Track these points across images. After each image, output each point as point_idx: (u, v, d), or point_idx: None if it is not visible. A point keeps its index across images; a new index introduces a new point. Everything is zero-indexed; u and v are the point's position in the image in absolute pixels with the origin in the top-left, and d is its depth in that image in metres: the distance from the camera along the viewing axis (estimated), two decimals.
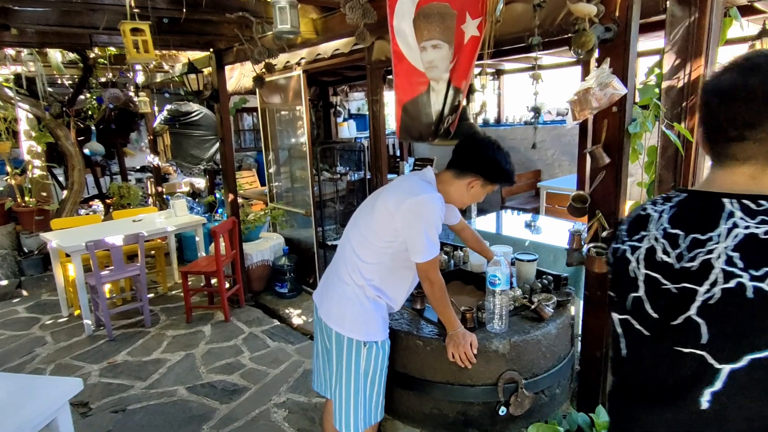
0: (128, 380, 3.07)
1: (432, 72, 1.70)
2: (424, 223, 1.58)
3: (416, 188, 1.63)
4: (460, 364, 1.66)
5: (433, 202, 1.60)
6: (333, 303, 1.72)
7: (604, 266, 1.77)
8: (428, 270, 1.64)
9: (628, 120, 1.73)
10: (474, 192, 1.71)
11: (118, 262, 3.61)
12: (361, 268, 1.68)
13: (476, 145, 1.71)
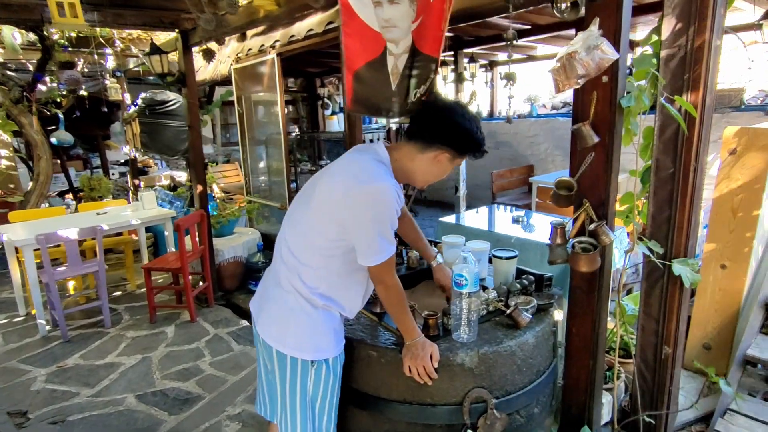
0: (75, 387, 2.80)
1: (389, 33, 1.43)
2: (377, 218, 1.29)
3: (368, 172, 1.31)
4: (418, 379, 1.40)
5: (390, 192, 1.28)
6: (272, 315, 1.42)
7: (593, 264, 1.51)
8: (382, 273, 1.36)
9: (620, 92, 1.47)
10: (440, 167, 1.41)
11: (73, 257, 3.34)
12: (302, 274, 1.37)
13: (442, 112, 1.39)
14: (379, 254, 1.31)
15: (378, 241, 1.29)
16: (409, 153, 1.40)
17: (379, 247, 1.30)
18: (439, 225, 3.58)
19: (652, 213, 1.69)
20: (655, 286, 1.72)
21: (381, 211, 1.28)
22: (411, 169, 1.41)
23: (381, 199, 1.28)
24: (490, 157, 6.95)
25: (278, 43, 3.69)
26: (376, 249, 1.30)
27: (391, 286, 1.38)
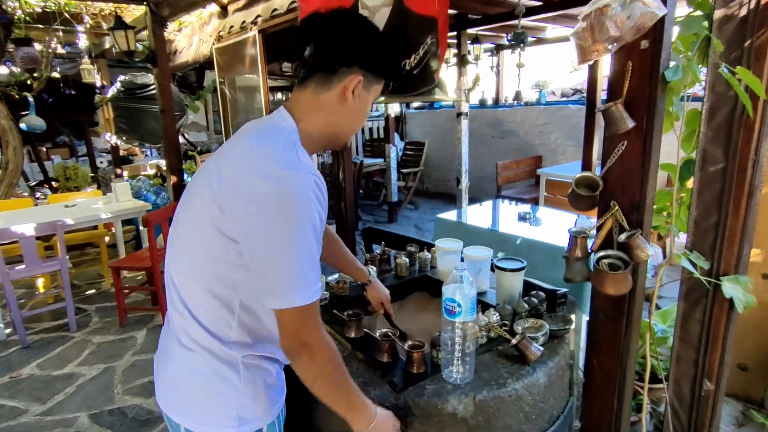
0: (25, 402, 2.51)
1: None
2: (289, 230, 0.82)
3: (268, 155, 0.85)
4: None
5: (306, 185, 0.83)
6: (174, 383, 0.99)
7: (622, 286, 1.17)
8: (302, 326, 0.87)
9: (664, 62, 1.12)
10: (358, 101, 0.96)
11: (30, 255, 3.03)
12: (204, 321, 0.93)
13: (329, 23, 0.93)
14: (297, 290, 0.83)
15: (294, 268, 0.83)
16: (312, 100, 0.95)
17: (295, 276, 0.83)
18: (437, 223, 3.25)
19: (695, 218, 1.35)
20: (696, 308, 1.39)
21: (296, 217, 0.82)
22: (323, 120, 0.96)
23: (295, 198, 0.81)
24: (496, 146, 6.61)
25: (260, 18, 3.33)
26: (289, 281, 0.83)
27: (319, 352, 0.88)
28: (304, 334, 0.87)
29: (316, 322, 0.89)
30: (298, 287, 0.83)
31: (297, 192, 0.82)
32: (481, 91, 6.66)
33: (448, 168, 7.19)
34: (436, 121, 7.42)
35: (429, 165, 7.50)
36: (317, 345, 0.88)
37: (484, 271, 1.68)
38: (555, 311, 1.51)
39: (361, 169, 5.65)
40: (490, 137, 6.57)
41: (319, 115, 0.95)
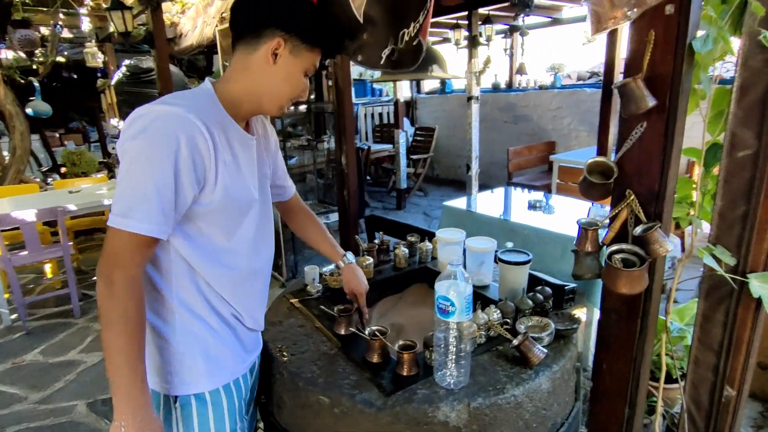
0: (24, 389, 2.50)
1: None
2: (128, 153, 0.83)
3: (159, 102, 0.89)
4: None
5: (157, 118, 0.83)
6: None
7: (637, 284, 1.05)
8: (111, 253, 0.83)
9: (692, 30, 0.98)
10: (284, 68, 0.95)
11: (31, 242, 3.01)
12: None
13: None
14: (114, 214, 0.83)
15: (119, 192, 0.83)
16: (240, 62, 0.96)
17: (118, 199, 0.83)
18: (444, 211, 3.13)
19: (720, 208, 1.21)
20: (718, 308, 1.26)
21: (139, 146, 0.82)
22: (246, 87, 0.96)
23: (144, 128, 0.82)
24: (508, 132, 6.41)
25: None
26: (118, 202, 0.83)
27: (110, 290, 0.82)
28: (107, 260, 0.84)
29: (127, 259, 0.84)
30: (118, 209, 0.83)
31: (153, 121, 0.82)
32: (494, 74, 6.45)
33: (458, 154, 7.02)
34: (447, 106, 7.23)
35: (439, 151, 7.34)
36: (117, 282, 0.83)
37: (487, 264, 1.57)
38: (562, 308, 1.40)
39: (368, 155, 5.53)
40: (503, 122, 6.38)
41: (244, 76, 0.96)
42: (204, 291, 0.99)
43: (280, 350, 1.25)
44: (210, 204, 0.93)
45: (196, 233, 0.95)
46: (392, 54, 1.01)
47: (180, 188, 0.85)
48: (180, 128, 0.84)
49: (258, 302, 1.14)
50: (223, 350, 1.03)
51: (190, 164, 0.85)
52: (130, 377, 0.85)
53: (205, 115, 0.88)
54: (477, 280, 1.58)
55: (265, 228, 1.11)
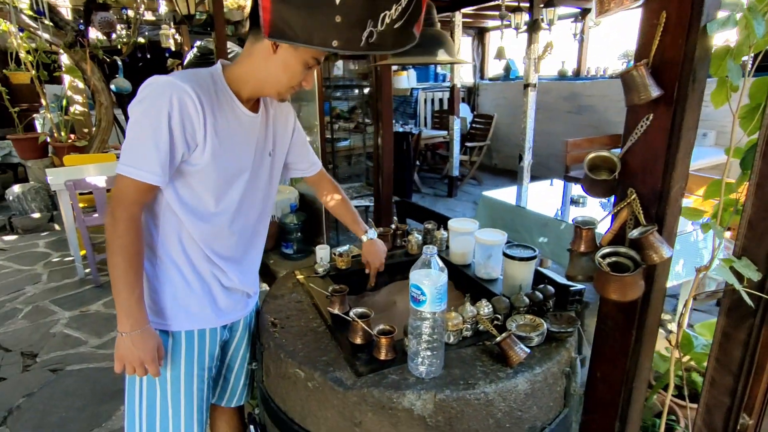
0: (86, 334, 2.82)
1: None
2: (134, 114, 0.99)
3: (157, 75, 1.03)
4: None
5: (154, 86, 0.98)
6: None
7: (628, 291, 0.98)
8: (115, 195, 1.01)
9: (708, 12, 0.87)
10: (283, 59, 1.03)
11: (102, 205, 3.34)
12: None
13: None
14: (120, 163, 0.99)
15: (124, 146, 1.00)
16: (249, 48, 1.07)
17: (123, 151, 1.00)
18: (481, 201, 3.05)
19: (749, 217, 1.08)
20: (740, 327, 1.13)
21: (141, 107, 0.98)
22: (250, 71, 1.08)
23: (144, 91, 0.98)
24: (571, 122, 6.04)
25: None
26: (124, 152, 0.99)
27: (114, 225, 1.00)
28: (116, 201, 1.00)
29: (127, 200, 1.00)
30: (122, 159, 0.99)
31: (152, 88, 0.97)
32: (562, 61, 6.08)
33: (518, 144, 6.73)
34: (509, 94, 6.95)
35: (498, 140, 7.10)
36: (117, 215, 1.00)
37: (495, 257, 1.52)
38: (566, 309, 1.33)
39: (418, 140, 5.48)
40: (565, 112, 6.02)
41: (249, 60, 1.07)
42: (185, 242, 1.13)
43: (273, 322, 1.31)
44: (198, 164, 1.06)
45: (187, 191, 1.09)
46: (371, 36, 0.99)
47: (173, 144, 0.99)
48: (173, 93, 0.97)
49: (240, 264, 1.24)
50: (192, 300, 1.16)
51: (179, 124, 0.99)
52: (129, 296, 1.03)
53: (198, 86, 1.01)
54: (485, 273, 1.54)
55: (252, 197, 1.21)
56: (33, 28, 4.13)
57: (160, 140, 0.97)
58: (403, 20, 1.00)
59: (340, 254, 1.66)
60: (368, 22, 0.97)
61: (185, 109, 0.98)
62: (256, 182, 1.20)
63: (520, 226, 2.61)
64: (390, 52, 1.06)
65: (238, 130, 1.11)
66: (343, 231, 4.63)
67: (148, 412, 1.17)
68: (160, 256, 1.14)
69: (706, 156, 3.65)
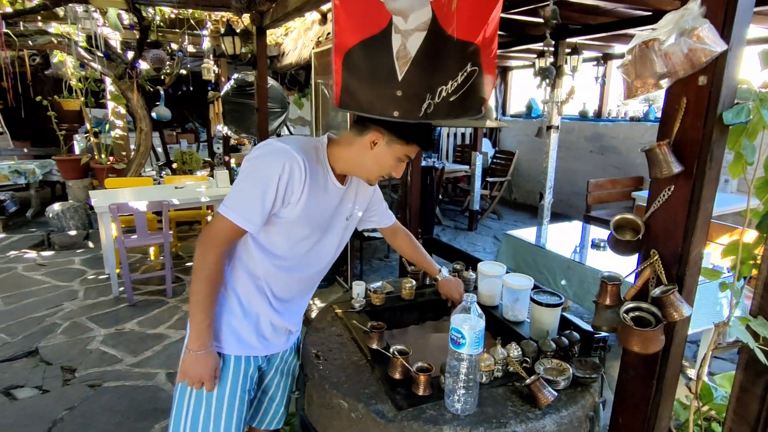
0: (122, 352, 2.96)
1: (396, 1, 1.12)
2: (246, 170, 1.15)
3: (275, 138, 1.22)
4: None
5: (278, 153, 1.13)
6: None
7: (650, 344, 1.07)
8: (209, 229, 1.16)
9: (724, 102, 0.99)
10: (378, 154, 1.21)
11: (141, 228, 3.54)
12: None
13: None
14: (224, 205, 1.14)
15: (235, 192, 1.14)
16: (347, 138, 1.25)
17: (230, 196, 1.14)
18: (504, 239, 3.15)
19: (765, 278, 1.17)
20: (757, 381, 1.20)
21: (253, 164, 1.14)
22: (347, 156, 1.24)
23: (259, 152, 1.14)
24: (594, 162, 6.14)
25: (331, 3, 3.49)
26: (229, 197, 1.15)
27: (204, 257, 1.14)
28: (208, 235, 1.15)
29: (222, 238, 1.15)
30: (228, 203, 1.13)
31: (270, 151, 1.13)
32: (583, 102, 6.22)
33: (538, 180, 6.84)
34: (530, 131, 7.08)
35: (519, 175, 7.21)
36: (205, 248, 1.14)
37: (522, 301, 1.62)
38: (590, 356, 1.41)
39: (441, 174, 5.63)
40: (588, 152, 6.13)
41: (348, 148, 1.25)
42: (251, 279, 1.27)
43: (316, 354, 1.42)
44: (286, 218, 1.21)
45: (267, 236, 1.24)
46: (429, 107, 1.15)
47: (275, 201, 1.15)
48: (287, 160, 1.12)
49: (292, 306, 1.39)
50: (244, 329, 1.30)
51: (285, 186, 1.14)
52: (203, 320, 1.18)
53: (307, 157, 1.17)
54: (512, 315, 1.64)
55: (322, 252, 1.37)
56: (87, 59, 4.47)
57: (267, 197, 1.12)
58: (458, 95, 1.16)
59: (374, 291, 1.77)
60: (427, 95, 1.12)
61: (293, 175, 1.13)
62: (328, 240, 1.35)
63: (543, 267, 2.70)
64: (443, 121, 1.22)
65: (326, 197, 1.27)
66: (366, 261, 4.75)
67: (192, 422, 1.28)
68: (225, 286, 1.28)
69: (728, 204, 3.69)
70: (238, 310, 1.29)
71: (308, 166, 1.15)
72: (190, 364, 1.20)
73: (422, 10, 1.13)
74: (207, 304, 1.18)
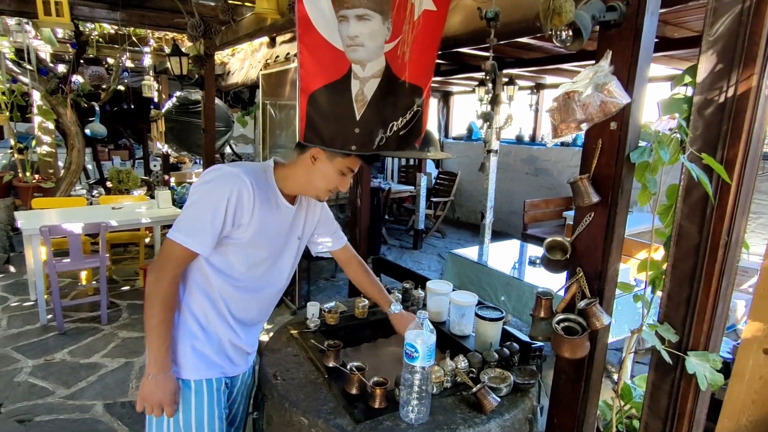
0: (53, 384, 2.77)
1: (355, 53, 1.23)
2: (194, 195, 1.20)
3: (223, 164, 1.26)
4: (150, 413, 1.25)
5: (222, 174, 1.19)
6: None
7: (577, 350, 1.23)
8: (160, 256, 1.19)
9: (631, 144, 1.19)
10: (321, 169, 1.28)
11: (75, 251, 3.36)
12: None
13: None
14: (175, 230, 1.17)
15: (182, 217, 1.18)
16: (293, 157, 1.33)
17: (180, 221, 1.18)
18: (449, 258, 3.32)
19: (668, 290, 1.38)
20: (665, 380, 1.40)
21: (200, 189, 1.19)
22: (294, 176, 1.31)
23: (206, 176, 1.19)
24: (529, 183, 6.59)
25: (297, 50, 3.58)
26: (178, 222, 1.19)
27: (157, 282, 1.17)
28: (160, 260, 1.18)
29: (174, 262, 1.17)
30: (178, 227, 1.17)
31: (219, 175, 1.18)
32: (519, 127, 6.70)
33: (479, 200, 7.20)
34: (471, 153, 7.49)
35: (461, 195, 7.55)
36: (159, 274, 1.16)
37: (468, 316, 1.75)
38: (528, 364, 1.56)
39: (388, 195, 5.80)
40: (524, 173, 6.57)
41: (293, 167, 1.32)
42: (208, 300, 1.30)
43: (274, 374, 1.46)
44: (238, 240, 1.25)
45: (221, 258, 1.28)
46: (381, 140, 1.27)
47: (224, 223, 1.18)
48: (234, 183, 1.18)
49: (250, 327, 1.43)
50: (209, 350, 1.32)
51: (233, 208, 1.18)
52: (161, 345, 1.19)
53: (255, 180, 1.22)
54: (459, 330, 1.76)
55: (277, 272, 1.42)
56: (16, 72, 4.21)
57: (216, 220, 1.17)
58: (407, 130, 1.28)
59: (329, 311, 1.84)
60: (380, 130, 1.24)
61: (241, 198, 1.19)
62: (283, 260, 1.41)
63: (485, 283, 2.88)
64: (393, 153, 1.34)
65: (278, 218, 1.33)
66: (313, 281, 4.76)
67: None
68: (182, 309, 1.30)
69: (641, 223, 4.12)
70: (199, 333, 1.31)
71: (256, 188, 1.21)
72: (149, 390, 1.20)
73: (377, 60, 1.26)
74: (163, 328, 1.19)
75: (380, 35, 1.24)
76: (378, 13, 1.22)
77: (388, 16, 1.23)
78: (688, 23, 2.71)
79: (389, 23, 1.24)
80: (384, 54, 1.27)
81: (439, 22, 1.35)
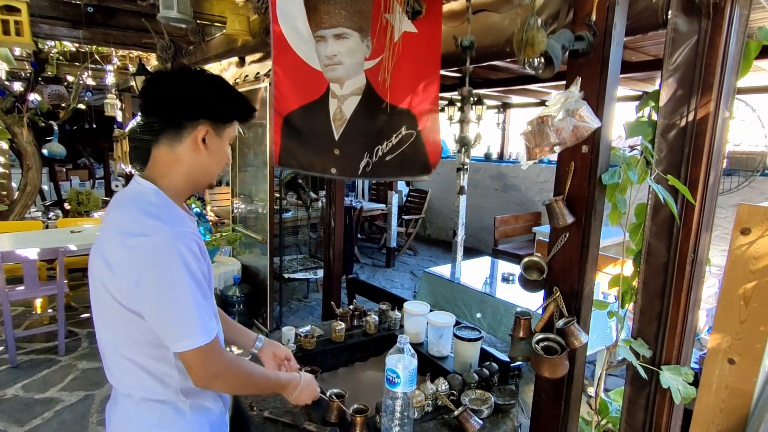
0: (5, 423, 2.56)
1: (334, 71, 1.23)
2: (157, 284, 0.91)
3: (139, 221, 0.93)
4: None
5: (181, 239, 0.93)
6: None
7: (557, 370, 1.24)
8: (208, 363, 0.96)
9: (602, 166, 1.23)
10: (213, 149, 1.03)
11: (30, 278, 3.16)
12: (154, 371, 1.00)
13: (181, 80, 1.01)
14: (197, 331, 0.92)
15: (189, 311, 0.92)
16: (168, 154, 1.01)
17: (192, 318, 0.92)
18: (423, 277, 3.32)
19: (640, 306, 1.42)
20: (640, 395, 1.43)
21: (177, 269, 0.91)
22: (184, 170, 1.02)
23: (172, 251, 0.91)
24: (498, 199, 6.73)
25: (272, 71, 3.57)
26: (190, 323, 0.92)
27: (229, 376, 1.00)
28: (211, 367, 0.97)
29: (219, 352, 0.99)
30: (197, 328, 0.93)
31: (179, 244, 0.91)
32: (487, 145, 6.86)
33: (450, 217, 7.29)
34: (442, 170, 7.59)
35: (432, 212, 7.62)
36: (225, 371, 1.00)
37: (446, 337, 1.75)
38: (507, 383, 1.56)
39: (360, 214, 5.79)
40: (494, 190, 6.71)
41: (178, 167, 1.02)
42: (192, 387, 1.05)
43: (251, 405, 1.40)
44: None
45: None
46: (367, 166, 1.26)
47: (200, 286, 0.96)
48: (178, 244, 0.92)
49: None
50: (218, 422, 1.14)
51: (195, 267, 0.95)
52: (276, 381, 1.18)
53: (179, 219, 0.98)
54: (437, 351, 1.75)
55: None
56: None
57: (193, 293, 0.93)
58: (395, 155, 1.28)
59: (305, 335, 1.79)
60: (365, 154, 1.23)
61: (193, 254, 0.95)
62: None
63: (460, 301, 2.89)
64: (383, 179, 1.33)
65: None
66: (285, 302, 4.66)
67: None
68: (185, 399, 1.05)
69: (608, 236, 4.27)
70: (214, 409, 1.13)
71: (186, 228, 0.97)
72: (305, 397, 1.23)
73: (356, 77, 1.25)
74: (259, 379, 1.12)
75: (359, 52, 1.24)
76: (356, 31, 1.22)
77: (366, 34, 1.24)
78: (645, 47, 2.87)
79: (368, 41, 1.24)
80: (364, 72, 1.27)
81: (426, 45, 1.32)
